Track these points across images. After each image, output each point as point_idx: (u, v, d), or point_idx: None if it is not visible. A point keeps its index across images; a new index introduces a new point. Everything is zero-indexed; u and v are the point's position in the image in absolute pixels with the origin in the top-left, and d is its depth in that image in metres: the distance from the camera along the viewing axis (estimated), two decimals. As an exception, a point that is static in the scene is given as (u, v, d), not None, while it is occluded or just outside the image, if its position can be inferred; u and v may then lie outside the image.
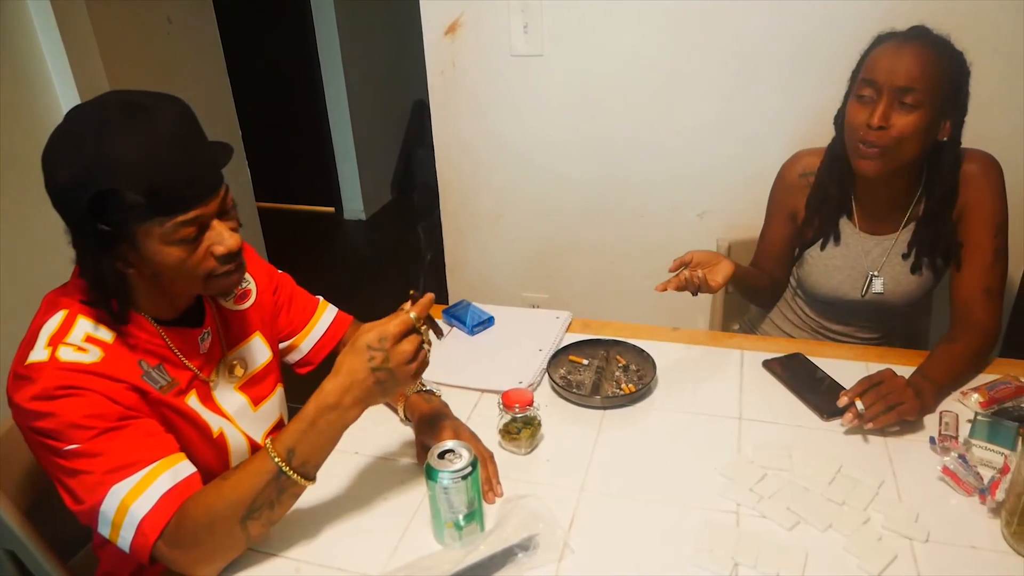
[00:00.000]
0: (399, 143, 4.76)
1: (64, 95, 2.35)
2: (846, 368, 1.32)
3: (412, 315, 0.95)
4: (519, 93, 2.11)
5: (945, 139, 1.32)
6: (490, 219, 2.32)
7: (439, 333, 1.04)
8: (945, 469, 1.06)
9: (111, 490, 0.89)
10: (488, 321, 1.51)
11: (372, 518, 1.05)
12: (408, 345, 0.94)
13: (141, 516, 0.90)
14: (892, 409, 1.14)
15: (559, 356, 1.38)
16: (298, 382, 1.29)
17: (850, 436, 1.17)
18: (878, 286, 1.45)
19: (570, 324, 1.52)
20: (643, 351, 1.36)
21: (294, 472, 0.92)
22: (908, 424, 1.17)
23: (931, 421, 1.19)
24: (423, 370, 0.98)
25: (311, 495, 1.08)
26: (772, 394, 1.28)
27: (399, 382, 0.95)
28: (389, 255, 4.02)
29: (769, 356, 1.36)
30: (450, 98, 2.18)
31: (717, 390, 1.31)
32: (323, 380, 0.95)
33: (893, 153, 1.28)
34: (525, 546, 0.95)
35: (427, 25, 2.10)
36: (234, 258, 0.98)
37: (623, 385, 1.30)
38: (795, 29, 1.84)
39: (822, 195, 1.45)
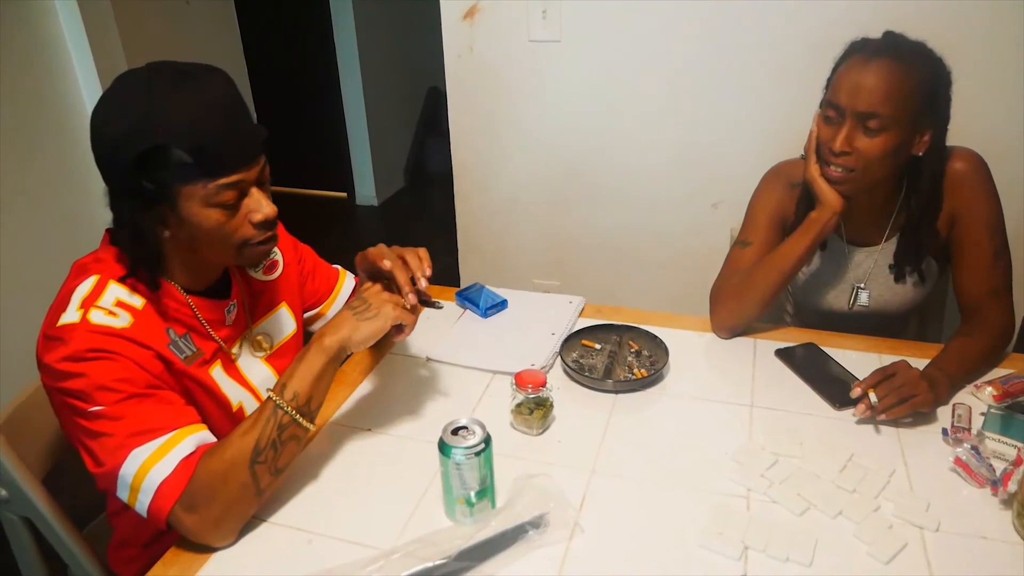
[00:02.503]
0: (412, 130, 4.76)
1: (84, 77, 2.37)
2: (859, 359, 1.32)
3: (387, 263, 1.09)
4: (536, 79, 2.11)
5: (922, 153, 1.26)
6: (504, 204, 2.33)
7: (433, 304, 1.15)
8: (957, 460, 1.06)
9: (131, 453, 0.90)
10: (501, 304, 1.52)
11: (384, 493, 1.05)
12: (385, 292, 1.06)
13: (160, 480, 0.91)
14: (905, 401, 1.13)
15: (571, 340, 1.38)
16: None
17: (862, 426, 1.16)
18: (864, 298, 1.43)
19: (583, 309, 1.52)
20: (656, 337, 1.36)
21: (287, 404, 0.96)
22: (921, 415, 1.16)
23: (943, 413, 1.18)
24: (406, 316, 1.06)
25: (323, 469, 1.10)
26: (784, 382, 1.28)
27: (377, 312, 1.03)
28: (400, 241, 3.99)
29: (782, 345, 1.36)
30: (467, 82, 2.18)
31: (729, 377, 1.31)
32: None
33: (860, 175, 1.25)
34: (536, 524, 0.95)
35: (445, 9, 2.10)
36: (271, 226, 1.01)
37: (635, 370, 1.30)
38: (813, 21, 1.84)
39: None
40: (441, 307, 1.16)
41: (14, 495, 1.08)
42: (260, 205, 0.98)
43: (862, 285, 1.43)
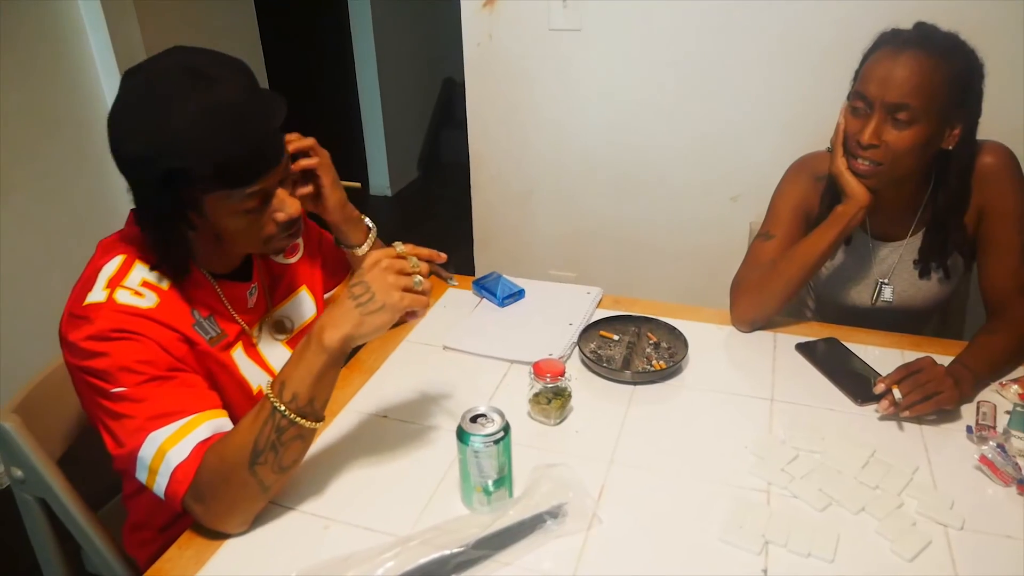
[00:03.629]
0: (427, 120, 4.75)
1: (101, 59, 2.37)
2: (881, 355, 1.30)
3: (399, 248, 0.96)
4: (555, 68, 2.10)
5: (951, 147, 1.23)
6: (521, 194, 2.31)
7: (446, 279, 1.15)
8: (983, 458, 1.04)
9: (150, 436, 0.90)
10: (519, 293, 1.51)
11: (401, 480, 1.05)
12: (391, 273, 0.92)
13: (176, 464, 0.90)
14: (930, 398, 1.11)
15: (589, 331, 1.37)
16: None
17: (884, 422, 1.15)
18: (888, 294, 1.41)
19: (600, 300, 1.50)
20: (675, 329, 1.35)
21: (286, 407, 0.90)
22: (944, 412, 1.14)
23: (968, 410, 1.16)
24: (418, 302, 0.94)
25: (340, 455, 1.09)
26: (805, 377, 1.26)
27: (383, 303, 0.91)
28: (414, 231, 4.01)
29: (802, 339, 1.35)
30: (485, 71, 2.17)
31: (749, 371, 1.29)
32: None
33: (888, 169, 1.22)
34: (554, 514, 0.94)
35: (465, -3, 2.09)
36: (295, 223, 1.01)
37: (654, 362, 1.29)
38: (840, 12, 1.81)
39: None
40: (455, 284, 1.15)
41: (30, 476, 1.08)
42: (284, 205, 0.98)
43: (886, 280, 1.41)
